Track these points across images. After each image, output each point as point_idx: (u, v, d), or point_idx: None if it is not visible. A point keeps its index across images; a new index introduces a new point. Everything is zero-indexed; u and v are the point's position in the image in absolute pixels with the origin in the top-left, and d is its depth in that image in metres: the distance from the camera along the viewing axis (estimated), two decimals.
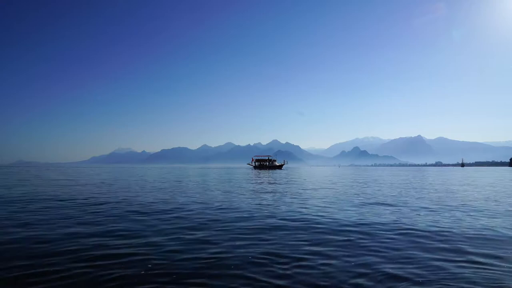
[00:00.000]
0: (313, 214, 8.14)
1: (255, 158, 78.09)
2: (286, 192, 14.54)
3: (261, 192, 14.30)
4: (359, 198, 11.94)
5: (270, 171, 56.63)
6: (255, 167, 75.53)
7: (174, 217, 7.69)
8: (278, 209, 9.12)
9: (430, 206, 9.74)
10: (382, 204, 10.28)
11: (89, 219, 7.26)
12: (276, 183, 21.16)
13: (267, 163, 75.39)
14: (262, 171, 55.99)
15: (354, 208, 9.22)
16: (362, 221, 7.03)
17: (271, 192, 14.53)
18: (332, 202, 10.77)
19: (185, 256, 4.48)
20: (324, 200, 11.37)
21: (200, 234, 5.81)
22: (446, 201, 11.28)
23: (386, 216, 7.84)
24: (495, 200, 11.49)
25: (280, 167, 76.72)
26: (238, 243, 5.21)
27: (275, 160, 76.61)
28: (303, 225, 6.69)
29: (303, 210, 8.86)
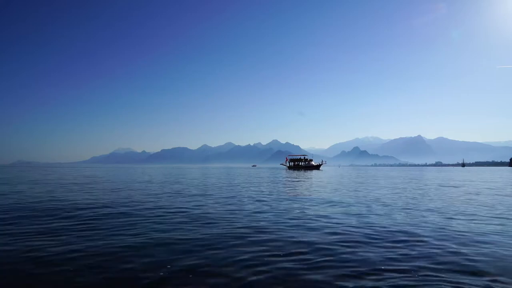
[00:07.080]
0: None
1: (289, 157, 75.38)
2: None
3: None
4: None
5: (307, 171, 52.83)
6: (290, 167, 72.52)
7: None
8: None
9: None
10: None
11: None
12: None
13: (303, 163, 71.85)
14: (300, 171, 51.90)
15: None
16: None
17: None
18: None
19: None
20: None
21: None
22: None
23: None
24: None
25: (317, 167, 70.43)
26: None
27: (311, 160, 72.34)
28: None
29: None
